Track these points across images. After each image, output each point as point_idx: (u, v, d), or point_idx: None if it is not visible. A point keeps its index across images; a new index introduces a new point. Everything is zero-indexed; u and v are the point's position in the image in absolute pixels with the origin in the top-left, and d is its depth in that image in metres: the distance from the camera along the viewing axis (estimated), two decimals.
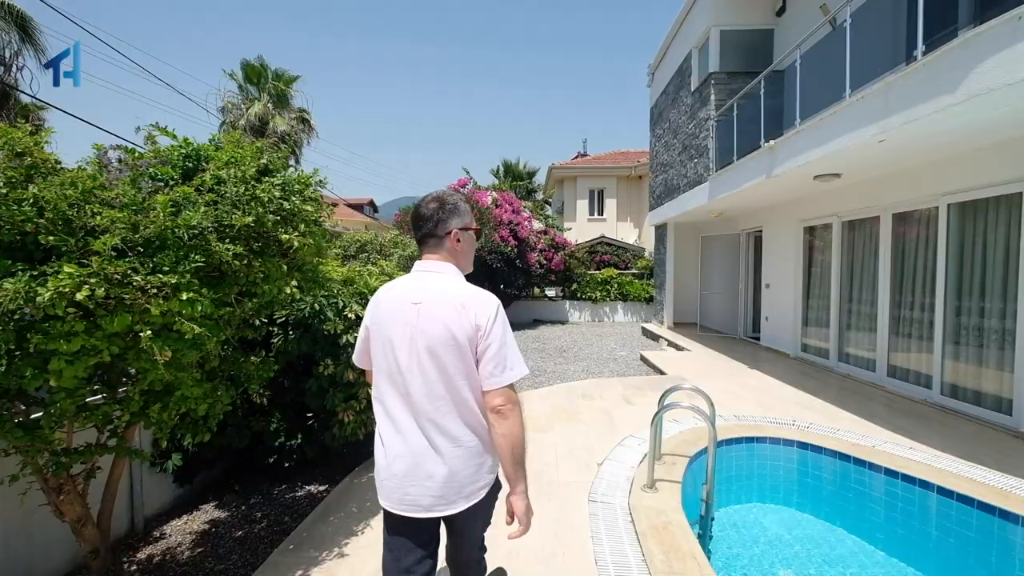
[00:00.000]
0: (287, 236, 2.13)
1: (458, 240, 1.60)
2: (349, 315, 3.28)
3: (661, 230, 12.45)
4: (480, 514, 1.57)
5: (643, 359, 8.39)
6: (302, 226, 2.28)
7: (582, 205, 21.69)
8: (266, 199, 2.07)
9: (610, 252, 18.51)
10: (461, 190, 14.34)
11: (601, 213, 21.73)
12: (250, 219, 1.94)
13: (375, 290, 3.55)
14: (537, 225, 15.60)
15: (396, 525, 1.55)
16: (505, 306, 16.70)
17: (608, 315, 15.85)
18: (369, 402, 3.44)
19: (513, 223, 13.50)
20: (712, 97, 8.29)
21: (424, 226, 1.58)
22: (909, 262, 5.65)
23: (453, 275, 1.57)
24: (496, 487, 1.61)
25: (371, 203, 40.95)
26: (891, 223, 5.87)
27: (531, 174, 27.46)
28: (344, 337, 3.26)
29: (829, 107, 4.93)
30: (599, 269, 16.85)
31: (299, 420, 3.53)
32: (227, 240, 1.89)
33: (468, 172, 16.34)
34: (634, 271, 16.50)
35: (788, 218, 8.09)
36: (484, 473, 1.53)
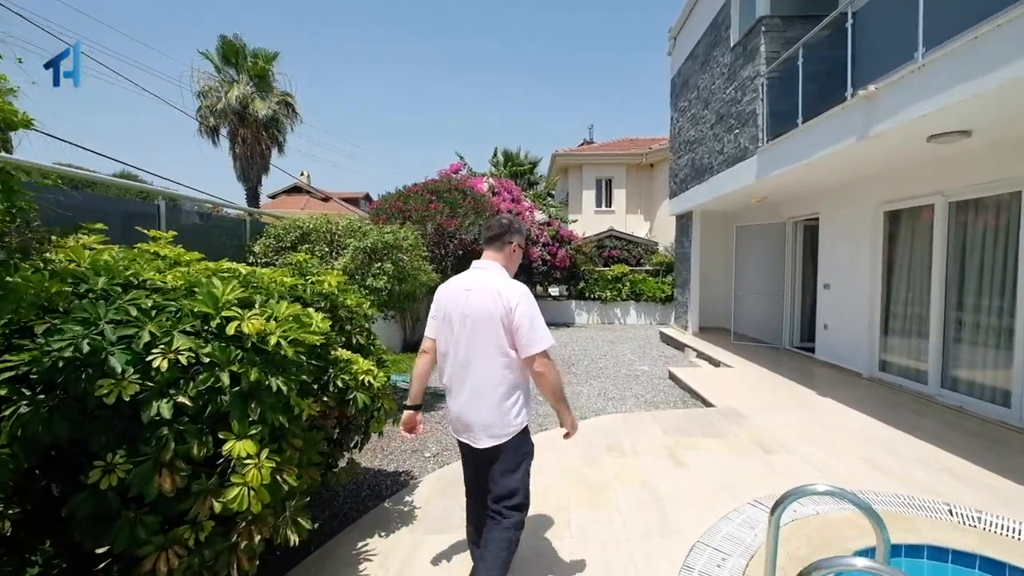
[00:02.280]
0: None
1: (513, 250, 2.14)
2: (159, 363, 1.59)
3: (684, 220, 10.73)
4: (507, 453, 2.00)
5: (673, 378, 6.71)
6: None
7: (588, 196, 19.95)
8: None
9: (620, 247, 16.78)
10: (454, 176, 12.65)
11: (609, 204, 19.99)
12: None
13: (224, 308, 1.87)
14: (539, 216, 13.90)
15: (461, 449, 2.19)
16: None
17: (619, 317, 14.16)
18: (217, 524, 1.78)
19: (512, 212, 11.82)
20: (762, 48, 6.55)
21: (491, 232, 2.12)
22: None
23: (497, 272, 2.06)
24: (523, 440, 2.05)
25: (367, 197, 39.24)
26: None
27: (533, 164, 25.65)
28: (155, 406, 1.59)
29: (989, 19, 3.22)
30: (607, 265, 15.14)
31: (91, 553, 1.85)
32: None
33: (462, 157, 14.69)
34: (648, 267, 14.79)
35: (861, 201, 6.37)
36: (509, 420, 1.99)
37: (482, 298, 1.95)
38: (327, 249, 4.79)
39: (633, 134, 22.19)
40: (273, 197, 33.81)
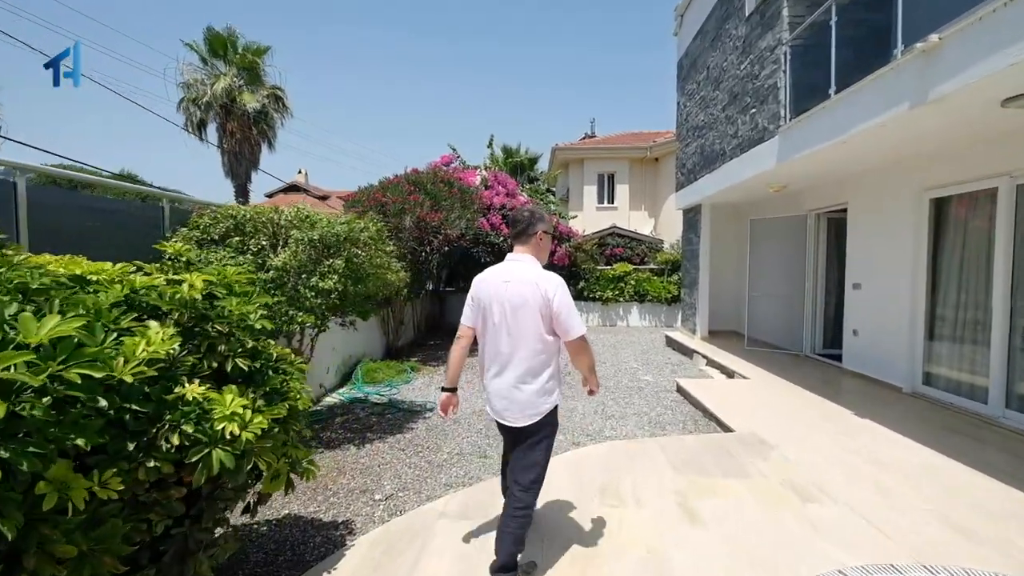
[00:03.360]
0: None
1: (540, 239, 2.26)
2: None
3: (692, 214, 9.88)
4: (537, 433, 2.18)
5: (681, 391, 5.87)
6: None
7: (590, 192, 19.10)
8: None
9: (622, 244, 15.92)
10: (445, 168, 11.85)
11: (612, 201, 19.13)
12: None
13: None
14: None
15: (499, 428, 2.31)
16: None
17: (621, 318, 13.32)
18: None
19: (506, 208, 11.01)
20: (784, 12, 5.70)
21: (519, 226, 2.25)
22: None
23: (531, 263, 2.22)
24: (551, 422, 2.23)
25: None
26: None
27: (532, 160, 24.82)
28: None
29: None
30: (609, 264, 14.29)
31: None
32: None
33: (455, 149, 13.87)
34: (652, 266, 13.93)
35: (900, 187, 5.51)
36: (542, 403, 2.15)
37: (521, 288, 2.10)
38: (266, 243, 3.98)
39: (637, 129, 21.29)
40: (270, 196, 33.26)
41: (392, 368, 7.35)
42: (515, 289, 2.11)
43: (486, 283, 2.22)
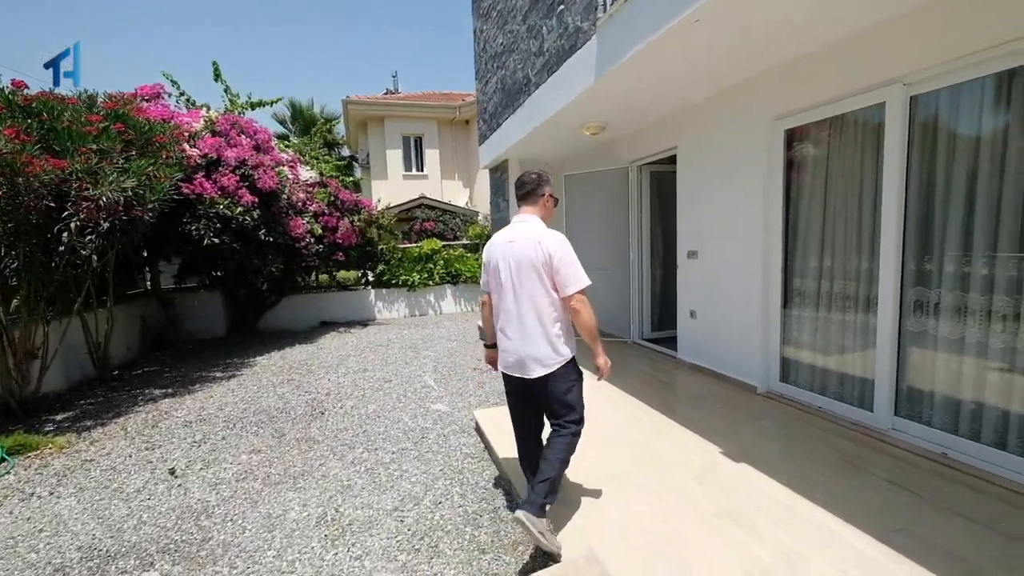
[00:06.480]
0: None
1: (547, 200, 2.37)
2: None
3: (499, 174, 7.89)
4: (556, 380, 2.22)
5: (480, 433, 3.71)
6: None
7: (394, 157, 16.19)
8: None
9: (433, 217, 13.63)
10: (146, 104, 7.66)
11: (421, 168, 16.56)
12: None
13: None
14: (307, 174, 9.78)
15: (509, 386, 2.43)
16: (257, 319, 9.94)
17: (433, 306, 11.03)
18: None
19: (247, 164, 7.57)
20: None
21: (526, 188, 2.36)
22: None
23: (536, 224, 2.28)
24: (571, 367, 2.27)
25: None
26: None
27: (329, 121, 20.69)
28: None
29: None
30: (419, 241, 11.81)
31: None
32: None
33: (175, 83, 9.49)
34: (466, 241, 11.89)
35: (744, 118, 4.09)
36: (557, 350, 2.21)
37: (524, 247, 2.19)
38: None
39: (447, 89, 18.93)
40: None
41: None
42: (519, 248, 2.20)
43: (494, 246, 2.34)
